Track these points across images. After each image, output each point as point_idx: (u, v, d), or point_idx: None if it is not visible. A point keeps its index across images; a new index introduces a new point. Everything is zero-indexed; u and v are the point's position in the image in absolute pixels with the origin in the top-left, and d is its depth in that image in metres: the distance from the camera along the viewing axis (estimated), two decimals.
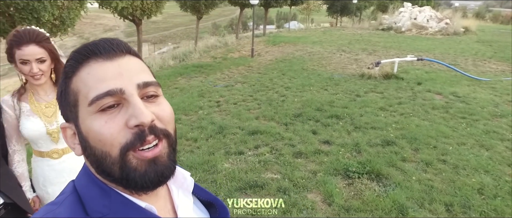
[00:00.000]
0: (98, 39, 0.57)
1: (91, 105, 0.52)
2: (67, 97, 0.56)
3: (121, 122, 0.52)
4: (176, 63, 12.12)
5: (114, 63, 0.54)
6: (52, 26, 5.67)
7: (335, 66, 10.33)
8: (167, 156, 0.56)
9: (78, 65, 0.55)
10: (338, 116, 5.47)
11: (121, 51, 0.57)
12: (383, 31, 20.18)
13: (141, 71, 0.57)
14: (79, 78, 0.54)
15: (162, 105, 0.57)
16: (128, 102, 0.52)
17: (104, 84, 0.52)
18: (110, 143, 0.51)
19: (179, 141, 4.66)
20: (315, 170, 3.69)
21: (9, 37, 1.52)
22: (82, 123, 0.54)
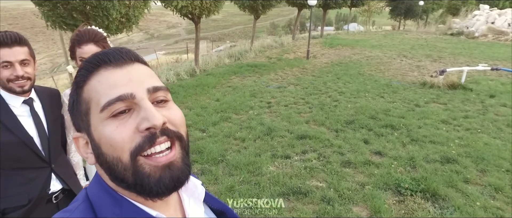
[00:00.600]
0: (107, 49, 0.58)
1: (103, 111, 0.52)
2: (79, 107, 0.57)
3: (132, 126, 0.52)
4: (231, 61, 12.39)
5: (124, 70, 0.55)
6: (119, 23, 6.14)
7: (394, 72, 9.77)
8: (181, 160, 0.55)
9: (88, 74, 0.56)
10: (393, 126, 5.16)
11: (130, 59, 0.58)
12: (452, 36, 18.63)
13: (150, 76, 0.58)
14: (90, 87, 0.55)
15: (173, 109, 0.57)
16: (139, 107, 0.53)
17: (115, 90, 0.53)
18: (121, 148, 0.51)
19: (227, 140, 4.78)
20: (363, 182, 3.51)
21: (72, 36, 1.66)
22: (94, 130, 0.54)
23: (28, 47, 1.52)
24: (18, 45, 1.46)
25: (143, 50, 53.99)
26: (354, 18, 57.91)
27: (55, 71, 43.28)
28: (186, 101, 7.15)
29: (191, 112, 6.31)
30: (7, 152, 1.49)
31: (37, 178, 1.57)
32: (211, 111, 6.28)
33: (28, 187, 1.55)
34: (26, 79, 1.50)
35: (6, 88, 1.48)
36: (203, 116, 5.99)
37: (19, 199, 1.53)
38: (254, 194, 3.32)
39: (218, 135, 5.07)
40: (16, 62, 1.45)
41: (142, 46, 62.34)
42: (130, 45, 62.29)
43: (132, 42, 64.74)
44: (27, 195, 1.54)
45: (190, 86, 8.32)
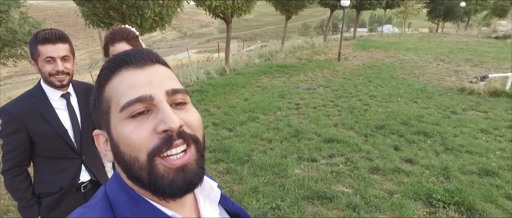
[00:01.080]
0: (130, 49, 0.59)
1: (122, 111, 0.53)
2: (100, 105, 0.58)
3: (150, 127, 0.53)
4: (262, 61, 12.41)
5: (144, 71, 0.56)
6: (153, 22, 6.33)
7: (429, 76, 9.36)
8: (196, 163, 0.55)
9: (110, 74, 0.57)
10: (426, 133, 4.94)
11: (151, 60, 0.58)
12: (497, 39, 17.57)
13: (170, 78, 0.58)
14: (111, 86, 0.56)
15: (190, 112, 0.58)
16: (157, 108, 0.53)
17: (134, 91, 0.54)
18: (138, 148, 0.52)
19: (253, 140, 4.79)
20: (392, 191, 3.39)
21: (106, 35, 1.72)
22: (114, 129, 0.55)
23: (69, 44, 1.60)
24: (61, 42, 1.55)
25: (175, 48, 55.35)
26: (389, 20, 56.13)
27: (93, 66, 45.46)
28: (215, 100, 7.25)
29: (219, 111, 6.39)
30: (44, 142, 1.60)
31: (68, 168, 1.67)
32: (239, 111, 6.33)
33: (60, 175, 1.65)
34: (65, 74, 1.58)
35: (48, 81, 1.58)
36: (231, 115, 6.04)
37: (52, 186, 1.64)
38: (278, 196, 3.30)
39: (245, 134, 5.09)
40: (58, 58, 1.53)
41: (175, 44, 63.95)
42: (163, 43, 64.09)
43: (165, 40, 66.62)
44: (59, 183, 1.65)
45: (220, 85, 8.42)
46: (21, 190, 1.59)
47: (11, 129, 1.55)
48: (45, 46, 1.51)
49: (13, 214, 3.13)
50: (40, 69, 1.55)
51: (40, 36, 1.50)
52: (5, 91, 21.84)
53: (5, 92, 20.32)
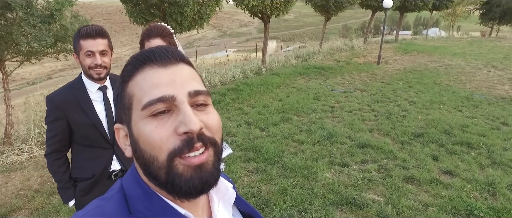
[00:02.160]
0: (155, 47, 0.60)
1: (144, 109, 0.54)
2: (123, 100, 0.59)
3: (170, 128, 0.53)
4: (298, 62, 12.32)
5: (168, 70, 0.57)
6: (192, 20, 6.52)
7: (478, 84, 8.77)
8: (212, 164, 0.56)
9: (134, 70, 0.58)
10: (470, 144, 4.63)
11: (175, 59, 0.59)
12: None
13: (193, 79, 0.58)
14: (134, 83, 0.57)
15: (211, 115, 0.58)
16: (178, 109, 0.54)
17: (157, 90, 0.54)
18: (159, 147, 0.53)
19: (285, 141, 4.77)
20: (427, 203, 3.22)
21: (143, 31, 1.80)
22: (134, 126, 0.56)
23: (107, 40, 1.70)
24: (100, 37, 1.65)
25: (215, 47, 56.44)
26: (435, 23, 53.29)
27: None
28: (249, 99, 7.30)
29: (253, 110, 6.43)
30: (80, 130, 1.72)
31: (101, 157, 1.78)
32: (273, 111, 6.33)
33: (93, 163, 1.77)
34: (103, 68, 1.68)
35: (87, 74, 1.69)
36: (264, 115, 6.06)
37: (86, 172, 1.76)
38: (306, 199, 3.26)
39: (277, 135, 5.08)
40: (97, 52, 1.64)
41: (214, 42, 65.23)
42: (203, 41, 65.65)
43: (205, 39, 68.20)
44: (92, 170, 1.76)
45: (255, 85, 8.47)
46: (60, 172, 1.74)
47: (54, 116, 1.68)
48: (86, 41, 1.61)
49: (59, 196, 3.37)
50: (81, 62, 1.66)
51: (82, 31, 1.61)
52: (58, 83, 23.50)
53: (57, 84, 21.84)
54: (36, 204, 3.25)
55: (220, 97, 7.38)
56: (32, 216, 3.09)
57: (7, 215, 3.12)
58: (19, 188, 3.59)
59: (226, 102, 7.01)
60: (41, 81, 31.16)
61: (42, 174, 3.88)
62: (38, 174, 3.90)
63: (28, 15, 3.61)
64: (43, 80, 31.55)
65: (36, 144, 4.54)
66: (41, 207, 3.22)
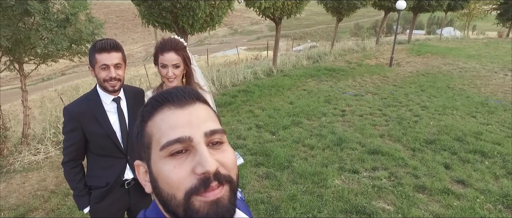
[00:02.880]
0: (172, 88, 0.64)
1: (162, 150, 0.57)
2: (142, 139, 0.62)
3: (188, 168, 0.56)
4: (310, 63, 12.27)
5: (185, 111, 0.60)
6: (204, 22, 6.57)
7: (493, 88, 8.60)
8: (228, 200, 0.58)
9: (153, 111, 0.61)
10: (484, 153, 4.56)
11: (192, 99, 0.62)
12: None
13: (209, 118, 0.61)
14: (153, 123, 0.60)
15: (226, 152, 0.60)
16: (195, 150, 0.57)
17: (175, 131, 0.57)
18: (176, 187, 0.56)
19: (295, 146, 4.78)
20: (438, 213, 3.19)
21: (157, 44, 1.85)
22: (153, 165, 0.59)
23: (122, 53, 1.76)
24: (115, 51, 1.70)
25: (225, 45, 56.56)
26: (450, 22, 52.31)
27: (147, 59, 48.07)
28: (260, 101, 7.33)
29: (263, 113, 6.45)
30: (95, 140, 1.78)
31: (114, 166, 1.84)
32: (283, 114, 6.34)
33: (107, 172, 1.83)
34: (117, 80, 1.74)
35: (102, 86, 1.75)
36: (275, 118, 6.07)
37: (100, 180, 1.83)
38: (315, 207, 3.27)
39: (288, 139, 5.09)
40: (112, 65, 1.69)
41: (225, 40, 65.36)
42: (214, 39, 65.84)
43: (216, 36, 68.40)
44: (106, 178, 1.83)
45: (266, 86, 8.49)
46: (75, 180, 1.80)
47: (70, 127, 1.74)
48: (102, 54, 1.67)
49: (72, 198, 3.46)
50: (96, 75, 1.73)
51: (97, 45, 1.67)
52: (71, 78, 23.96)
53: (71, 80, 22.28)
54: (52, 205, 3.35)
55: (231, 99, 7.42)
56: (48, 216, 3.18)
57: (25, 215, 3.22)
58: (36, 188, 3.70)
59: (237, 104, 7.05)
60: (55, 77, 31.80)
61: (57, 175, 3.98)
62: (54, 174, 4.00)
63: (45, 20, 3.70)
64: (57, 76, 32.20)
65: (52, 144, 4.65)
66: (56, 208, 3.31)
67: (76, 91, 15.40)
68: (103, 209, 1.85)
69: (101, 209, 1.85)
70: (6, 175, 3.99)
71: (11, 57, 4.12)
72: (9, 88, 21.93)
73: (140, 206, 2.04)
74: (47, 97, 13.95)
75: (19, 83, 4.67)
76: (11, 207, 3.36)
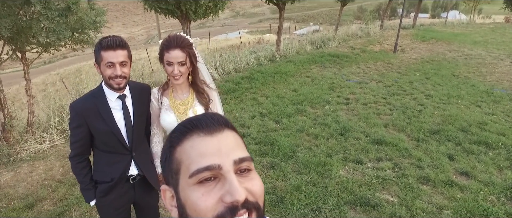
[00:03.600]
0: (201, 114, 0.64)
1: (191, 177, 0.57)
2: (170, 164, 0.62)
3: (216, 196, 0.56)
4: (313, 49, 12.15)
5: (214, 138, 0.60)
6: (207, 8, 6.48)
7: (499, 77, 8.52)
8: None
9: (182, 137, 0.61)
10: (489, 144, 4.56)
11: (220, 125, 0.62)
12: None
13: (237, 146, 0.61)
14: (183, 149, 0.60)
15: (254, 180, 0.60)
16: (224, 178, 0.57)
17: (204, 159, 0.57)
18: (204, 214, 0.56)
19: (300, 135, 4.79)
20: (442, 206, 3.22)
21: (162, 41, 1.82)
22: (182, 191, 0.59)
23: (127, 50, 1.74)
24: (120, 49, 1.68)
25: (227, 27, 55.94)
26: (455, 5, 51.43)
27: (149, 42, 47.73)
28: (263, 88, 7.30)
29: (267, 101, 6.44)
30: (100, 137, 1.80)
31: (119, 162, 1.86)
32: (287, 102, 6.33)
33: (112, 168, 1.85)
34: (123, 78, 1.73)
35: (107, 83, 1.74)
36: (279, 107, 6.06)
37: (105, 175, 1.85)
38: (320, 198, 3.30)
39: (292, 128, 5.10)
40: (117, 63, 1.68)
41: (227, 23, 64.60)
42: (216, 21, 65.06)
43: (218, 19, 67.55)
44: (111, 174, 1.85)
45: (269, 73, 8.44)
46: (82, 175, 1.84)
47: (76, 123, 1.76)
48: (107, 52, 1.66)
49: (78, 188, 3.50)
50: (102, 72, 1.72)
51: (103, 43, 1.66)
52: (73, 62, 23.90)
53: (72, 64, 22.23)
54: (59, 195, 3.39)
55: (235, 86, 7.39)
56: (56, 206, 3.23)
57: (34, 204, 3.27)
58: (43, 177, 3.74)
59: (241, 92, 7.03)
60: (56, 60, 31.68)
61: (64, 164, 4.01)
62: (60, 164, 4.04)
63: (45, 9, 3.65)
64: (59, 59, 32.05)
65: (57, 132, 4.68)
66: (64, 198, 3.35)
67: (78, 74, 15.38)
68: (109, 202, 1.89)
69: (106, 203, 1.89)
70: (14, 163, 4.04)
71: (13, 46, 4.09)
72: (11, 71, 21.92)
73: (146, 201, 2.08)
74: (49, 81, 13.94)
75: (19, 66, 4.66)
76: (20, 196, 3.41)
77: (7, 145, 4.28)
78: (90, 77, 7.10)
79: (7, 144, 4.29)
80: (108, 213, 1.94)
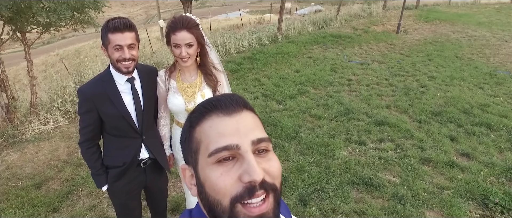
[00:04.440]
0: (220, 95, 0.64)
1: (210, 156, 0.58)
2: (190, 144, 0.63)
3: (235, 176, 0.57)
4: (315, 29, 12.01)
5: (233, 119, 0.60)
6: None
7: (503, 58, 8.45)
8: (273, 212, 0.59)
9: (201, 118, 0.62)
10: (490, 125, 4.58)
11: (239, 106, 0.62)
12: None
13: (256, 127, 0.62)
14: (202, 129, 0.61)
15: (272, 161, 0.61)
16: (242, 158, 0.58)
17: (223, 139, 0.58)
18: (223, 193, 0.57)
19: (302, 116, 4.80)
20: (442, 186, 3.27)
21: (168, 23, 1.76)
22: (201, 170, 0.61)
23: (135, 32, 1.69)
24: (128, 31, 1.64)
25: (227, 7, 55.01)
26: None
27: (148, 22, 47.07)
28: (265, 69, 7.26)
29: (269, 82, 6.42)
30: (110, 121, 1.77)
31: (130, 146, 1.85)
32: (290, 83, 6.31)
33: (123, 152, 1.84)
34: (131, 60, 1.69)
35: (115, 67, 1.70)
36: (281, 87, 6.05)
37: (116, 160, 1.84)
38: (323, 178, 3.35)
39: (294, 109, 5.11)
40: (125, 46, 1.64)
41: (227, 2, 63.48)
42: (216, 1, 63.95)
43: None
44: (122, 158, 1.84)
45: (271, 54, 8.37)
46: (92, 160, 1.82)
47: (85, 108, 1.73)
48: (115, 34, 1.61)
49: (85, 168, 3.55)
50: (109, 56, 1.68)
51: (110, 25, 1.61)
52: (72, 42, 23.68)
53: (72, 44, 22.03)
54: (66, 175, 3.44)
55: (236, 66, 7.35)
56: (64, 186, 3.28)
57: (42, 184, 3.32)
58: (49, 158, 3.78)
59: (243, 72, 7.00)
60: (55, 40, 31.35)
61: (69, 145, 4.05)
62: (65, 144, 4.08)
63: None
64: (58, 39, 31.71)
65: (60, 113, 4.69)
66: (71, 178, 3.40)
67: (78, 55, 15.27)
68: (121, 187, 1.89)
69: (118, 188, 1.89)
70: (19, 144, 4.08)
71: (13, 27, 4.04)
72: (10, 52, 21.75)
73: (156, 184, 2.08)
74: (49, 62, 13.86)
75: (18, 46, 4.64)
76: (28, 176, 3.46)
77: (12, 126, 4.31)
78: (90, 58, 7.04)
79: (11, 125, 4.32)
80: (120, 198, 1.95)
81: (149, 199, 2.21)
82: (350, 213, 2.87)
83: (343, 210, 2.89)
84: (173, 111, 1.97)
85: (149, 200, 2.22)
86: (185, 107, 1.90)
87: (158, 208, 2.29)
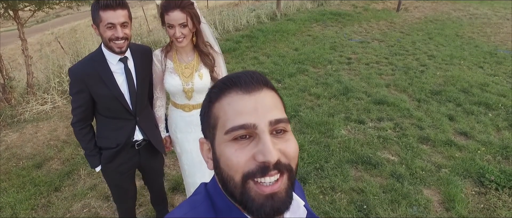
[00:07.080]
0: (241, 72, 0.63)
1: (226, 134, 0.58)
2: (208, 119, 0.64)
3: (249, 154, 0.57)
4: (314, 7, 11.80)
5: (252, 97, 0.60)
6: None
7: (504, 37, 8.38)
8: (285, 192, 0.59)
9: (220, 94, 0.62)
10: (488, 105, 4.59)
11: (259, 85, 0.62)
12: None
13: (274, 107, 0.61)
14: (220, 106, 0.61)
15: (289, 142, 0.61)
16: (259, 137, 0.57)
17: (240, 117, 0.58)
18: (235, 169, 0.58)
19: (302, 94, 4.79)
20: (440, 164, 3.31)
21: (161, 3, 1.70)
22: (217, 146, 0.61)
23: (127, 10, 1.63)
24: (121, 8, 1.58)
25: None
26: None
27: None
28: (264, 47, 7.18)
29: (268, 60, 6.37)
30: (103, 102, 1.74)
31: (124, 127, 1.82)
32: (289, 61, 6.26)
33: (117, 133, 1.81)
34: (124, 39, 1.63)
35: (107, 46, 1.65)
36: (280, 66, 6.00)
37: (110, 141, 1.82)
38: (322, 157, 3.37)
39: (294, 88, 5.09)
40: (118, 24, 1.58)
41: None
42: None
43: None
44: (116, 140, 1.81)
45: (270, 31, 8.26)
46: (85, 141, 1.80)
47: (76, 89, 1.68)
48: (107, 12, 1.54)
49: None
50: (101, 34, 1.62)
51: (101, 2, 1.54)
52: (66, 21, 23.20)
53: (66, 23, 21.60)
54: (66, 155, 3.45)
55: (235, 44, 7.26)
56: (64, 166, 3.30)
57: (42, 163, 3.33)
58: (48, 138, 3.78)
59: (241, 50, 6.92)
60: (49, 19, 30.72)
61: (67, 125, 4.04)
62: (64, 125, 4.06)
63: None
64: (52, 18, 31.08)
65: (57, 93, 4.65)
66: (71, 157, 3.41)
67: (74, 34, 15.01)
68: (114, 168, 1.88)
69: (112, 168, 1.88)
70: (18, 124, 4.06)
71: (5, 4, 3.93)
72: (4, 31, 21.32)
73: (151, 165, 2.07)
74: (44, 41, 13.63)
75: (12, 25, 4.54)
76: (28, 156, 3.47)
77: (9, 106, 4.28)
78: (86, 37, 6.91)
79: (9, 106, 4.29)
80: (114, 178, 1.95)
81: (145, 179, 2.22)
82: (349, 191, 2.90)
83: (342, 188, 2.93)
84: (169, 92, 1.93)
85: (145, 179, 2.23)
86: (183, 88, 1.86)
87: (154, 187, 2.29)
